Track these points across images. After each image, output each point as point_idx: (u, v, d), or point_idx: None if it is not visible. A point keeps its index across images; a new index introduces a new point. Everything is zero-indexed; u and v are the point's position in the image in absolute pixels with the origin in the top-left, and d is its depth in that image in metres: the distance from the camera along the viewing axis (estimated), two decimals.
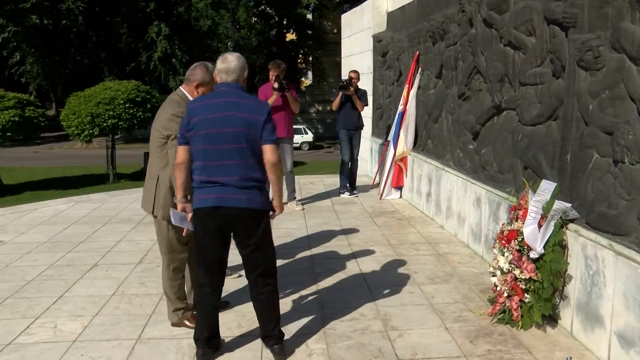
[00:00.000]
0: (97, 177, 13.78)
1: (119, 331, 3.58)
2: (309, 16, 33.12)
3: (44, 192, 11.37)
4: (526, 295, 3.48)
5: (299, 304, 4.00)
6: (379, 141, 8.76)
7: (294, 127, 7.34)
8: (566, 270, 3.41)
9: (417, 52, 6.97)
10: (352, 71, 7.71)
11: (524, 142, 4.26)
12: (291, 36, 33.23)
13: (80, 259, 5.11)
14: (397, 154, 7.38)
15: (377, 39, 8.87)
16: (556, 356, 3.21)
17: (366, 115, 8.23)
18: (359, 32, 9.98)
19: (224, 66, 3.05)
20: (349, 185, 7.81)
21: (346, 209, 7.07)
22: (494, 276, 3.74)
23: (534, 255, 3.44)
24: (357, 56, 10.20)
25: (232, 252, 3.21)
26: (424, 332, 3.52)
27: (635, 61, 2.94)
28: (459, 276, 4.54)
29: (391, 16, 8.49)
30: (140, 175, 13.09)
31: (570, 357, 3.10)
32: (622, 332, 2.94)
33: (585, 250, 3.28)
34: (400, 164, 7.45)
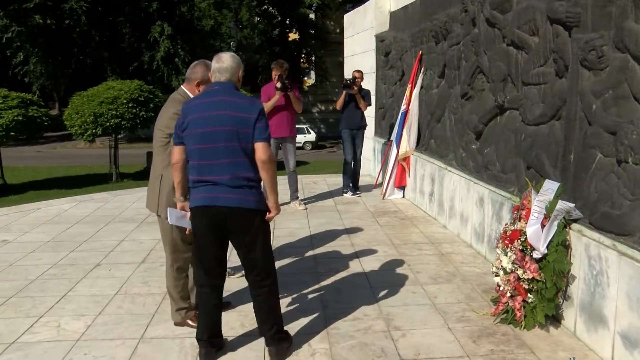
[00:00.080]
0: (100, 177, 13.80)
1: (122, 330, 3.58)
2: (312, 16, 33.15)
3: (47, 192, 11.40)
4: (529, 295, 3.48)
5: (301, 304, 4.00)
6: (381, 141, 8.76)
7: (296, 126, 7.34)
8: (569, 270, 3.41)
9: (420, 52, 6.96)
10: (355, 71, 7.72)
11: (527, 142, 4.25)
12: (294, 36, 33.26)
13: (83, 258, 5.12)
14: (399, 154, 7.38)
15: (380, 39, 8.87)
16: (559, 356, 3.20)
17: (369, 115, 8.23)
18: (362, 32, 9.98)
19: (217, 65, 3.05)
20: (351, 185, 7.81)
21: (349, 208, 7.07)
22: (496, 276, 3.73)
23: (537, 255, 3.44)
24: (359, 56, 10.20)
25: (235, 252, 3.22)
26: (427, 332, 3.52)
27: (639, 61, 2.93)
28: (462, 276, 4.54)
29: (394, 16, 8.48)
30: (143, 174, 13.12)
31: (573, 358, 3.08)
32: (625, 332, 2.93)
33: (588, 250, 3.27)
34: (403, 164, 7.45)
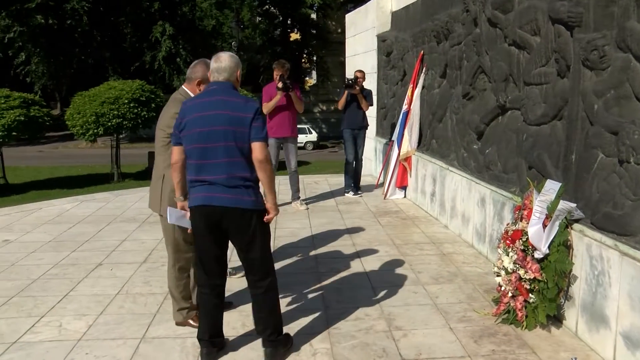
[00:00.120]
0: (102, 177, 13.84)
1: (123, 330, 3.59)
2: (313, 16, 33.16)
3: (49, 192, 11.43)
4: (531, 295, 3.47)
5: (303, 304, 4.00)
6: (383, 141, 8.76)
7: (298, 126, 7.34)
8: (571, 270, 3.40)
9: (422, 52, 6.96)
10: (357, 70, 7.73)
11: (528, 141, 4.24)
12: (295, 36, 33.28)
13: (85, 258, 5.13)
14: (401, 154, 7.37)
15: (382, 39, 8.87)
16: (561, 357, 3.20)
17: (370, 115, 8.23)
18: (363, 32, 9.97)
19: (216, 65, 3.05)
20: (353, 185, 7.81)
21: (350, 208, 7.07)
22: (498, 276, 3.73)
23: (538, 255, 3.43)
24: (361, 56, 10.20)
25: (236, 252, 3.22)
26: (428, 332, 3.52)
27: None
28: (463, 276, 4.53)
29: (395, 16, 8.48)
30: (144, 174, 13.15)
31: (575, 358, 3.09)
32: (627, 332, 2.93)
33: (590, 250, 3.27)
34: (404, 164, 7.45)
